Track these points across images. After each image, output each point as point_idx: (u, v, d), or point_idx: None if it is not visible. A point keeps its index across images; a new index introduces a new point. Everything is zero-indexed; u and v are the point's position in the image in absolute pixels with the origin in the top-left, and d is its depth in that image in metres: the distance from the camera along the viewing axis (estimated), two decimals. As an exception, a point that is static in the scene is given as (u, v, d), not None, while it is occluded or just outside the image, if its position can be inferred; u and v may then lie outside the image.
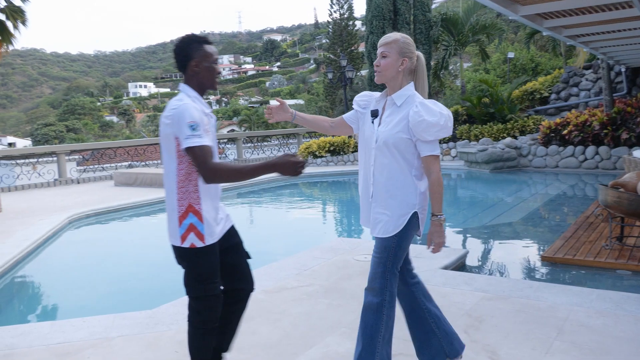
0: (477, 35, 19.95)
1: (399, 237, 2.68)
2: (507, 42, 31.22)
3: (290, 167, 2.46)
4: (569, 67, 19.05)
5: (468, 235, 7.59)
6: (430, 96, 18.09)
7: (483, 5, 18.49)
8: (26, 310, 5.42)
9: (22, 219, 8.93)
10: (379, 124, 2.74)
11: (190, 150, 2.44)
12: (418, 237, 2.83)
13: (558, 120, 13.69)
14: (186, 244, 2.56)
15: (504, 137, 15.63)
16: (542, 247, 6.46)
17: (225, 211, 2.82)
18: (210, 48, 2.62)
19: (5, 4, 23.94)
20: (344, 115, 3.02)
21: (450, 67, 28.39)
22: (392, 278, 2.71)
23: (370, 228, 2.79)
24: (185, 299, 4.36)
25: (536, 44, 28.33)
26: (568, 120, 13.35)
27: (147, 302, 4.75)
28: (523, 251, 6.56)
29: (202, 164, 2.43)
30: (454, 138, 16.78)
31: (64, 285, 5.99)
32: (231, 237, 2.82)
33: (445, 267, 5.07)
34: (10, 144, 48.60)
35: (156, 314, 4.11)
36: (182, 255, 2.63)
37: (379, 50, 2.75)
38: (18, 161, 17.52)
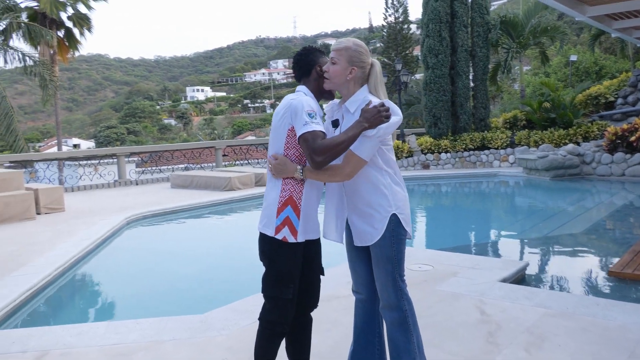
0: (538, 38, 19.28)
1: (395, 244, 2.65)
2: (570, 44, 30.05)
3: (376, 118, 2.47)
4: (638, 70, 18.10)
5: (527, 246, 7.29)
6: (487, 101, 17.67)
7: (544, 7, 17.85)
8: (83, 308, 5.57)
9: (83, 218, 9.25)
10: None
11: (302, 137, 2.48)
12: (409, 239, 2.77)
13: (625, 126, 12.98)
14: (279, 236, 2.60)
15: (565, 144, 15.00)
16: (608, 261, 6.11)
17: (318, 221, 2.79)
18: (327, 58, 2.80)
19: (72, 12, 25.07)
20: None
21: (509, 71, 27.55)
22: (403, 285, 2.70)
23: (354, 238, 2.75)
24: (235, 305, 4.38)
25: (601, 46, 27.17)
26: (636, 126, 12.64)
27: (199, 305, 4.78)
28: (587, 265, 6.22)
29: (309, 148, 2.46)
30: (512, 144, 16.24)
31: (119, 284, 6.13)
32: (312, 248, 2.79)
33: (504, 280, 4.85)
34: (75, 145, 50.85)
35: (207, 318, 4.11)
36: (269, 247, 2.64)
37: (330, 55, 2.72)
38: (81, 162, 18.27)
